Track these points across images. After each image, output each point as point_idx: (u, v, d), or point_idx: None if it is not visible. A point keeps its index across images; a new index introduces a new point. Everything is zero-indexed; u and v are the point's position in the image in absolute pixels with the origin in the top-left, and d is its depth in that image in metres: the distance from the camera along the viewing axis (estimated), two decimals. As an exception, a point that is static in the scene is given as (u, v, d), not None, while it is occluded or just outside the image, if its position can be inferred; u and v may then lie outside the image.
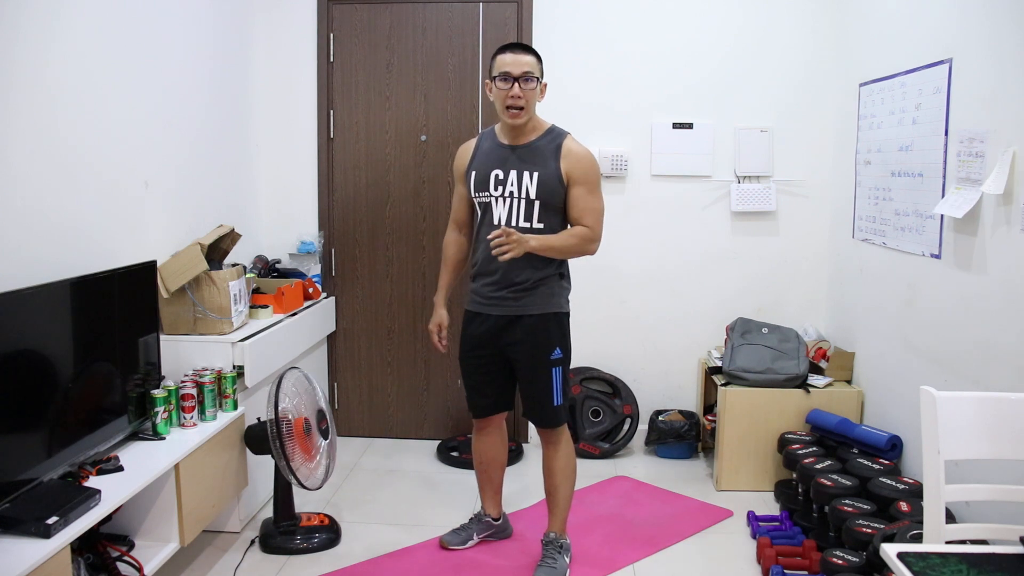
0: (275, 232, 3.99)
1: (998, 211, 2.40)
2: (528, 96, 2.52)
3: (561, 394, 2.67)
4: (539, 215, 2.57)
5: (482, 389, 2.78)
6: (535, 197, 2.55)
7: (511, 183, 2.57)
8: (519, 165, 2.57)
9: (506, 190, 2.58)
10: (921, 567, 1.42)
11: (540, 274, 2.60)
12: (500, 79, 2.53)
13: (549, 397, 2.65)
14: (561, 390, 2.66)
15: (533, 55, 2.57)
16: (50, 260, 2.35)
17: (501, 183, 2.58)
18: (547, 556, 2.71)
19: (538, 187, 2.55)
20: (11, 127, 2.22)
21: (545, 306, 2.62)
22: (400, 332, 4.05)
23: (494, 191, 2.60)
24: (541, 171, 2.55)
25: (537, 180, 2.55)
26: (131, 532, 2.46)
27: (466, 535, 2.92)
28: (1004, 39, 2.40)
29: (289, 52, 3.91)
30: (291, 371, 2.85)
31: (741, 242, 3.87)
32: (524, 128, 2.59)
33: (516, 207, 2.57)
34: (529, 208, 2.57)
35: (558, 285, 2.65)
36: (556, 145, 2.58)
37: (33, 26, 2.30)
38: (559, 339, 2.65)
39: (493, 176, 2.60)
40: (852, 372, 3.48)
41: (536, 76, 2.54)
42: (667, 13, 3.79)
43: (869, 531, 2.44)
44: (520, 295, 2.61)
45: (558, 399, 2.66)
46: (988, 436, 1.75)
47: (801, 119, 3.79)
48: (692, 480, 3.56)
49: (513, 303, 2.62)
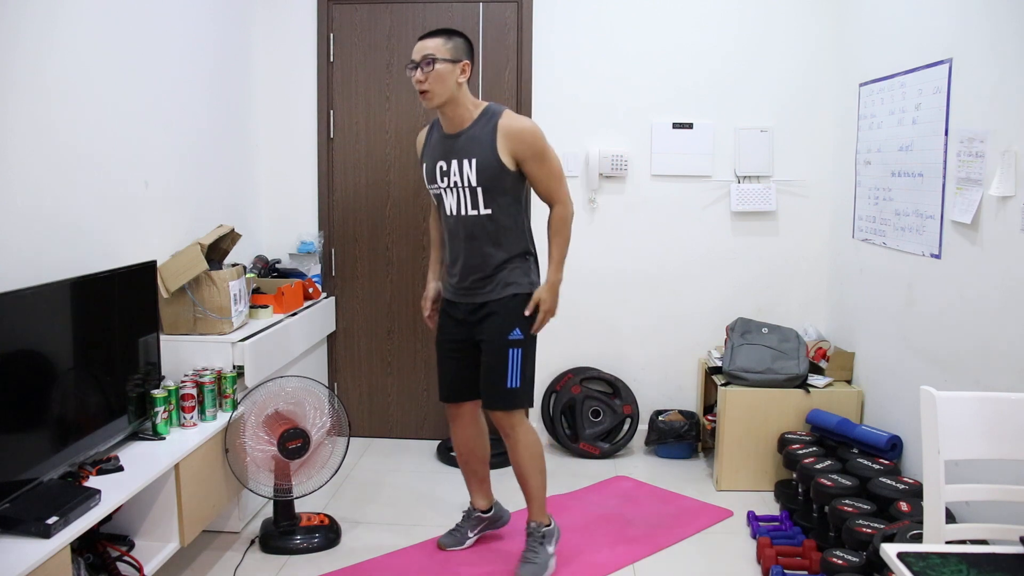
0: (275, 232, 3.99)
1: (998, 211, 2.40)
2: (432, 79, 2.46)
3: (519, 377, 2.59)
4: (484, 201, 2.55)
5: (451, 374, 2.77)
6: (476, 184, 2.54)
7: (454, 173, 2.56)
8: (459, 154, 2.55)
9: (450, 180, 2.58)
10: (921, 567, 1.42)
11: (500, 257, 2.59)
12: (408, 67, 2.53)
13: (503, 378, 2.58)
14: (519, 372, 2.58)
15: (442, 36, 2.51)
16: (50, 260, 2.35)
17: (445, 174, 2.59)
18: (529, 549, 2.71)
19: (478, 174, 2.53)
20: (11, 127, 2.22)
21: (507, 289, 2.60)
22: (400, 332, 4.05)
23: (440, 182, 2.61)
24: (479, 157, 2.52)
25: (476, 167, 2.52)
26: (131, 532, 2.46)
27: (460, 535, 2.92)
28: (1004, 39, 2.40)
29: (289, 52, 3.91)
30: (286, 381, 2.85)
31: (741, 242, 3.87)
32: (456, 114, 2.54)
33: (462, 196, 2.57)
34: (473, 195, 2.55)
35: (522, 265, 2.63)
36: (492, 127, 2.52)
37: (33, 26, 2.30)
38: (519, 320, 2.60)
39: (438, 168, 2.60)
40: (852, 372, 3.48)
41: (441, 58, 2.46)
42: (667, 13, 3.79)
43: (869, 531, 2.44)
44: (483, 282, 2.61)
45: (513, 381, 2.58)
46: (988, 436, 1.75)
47: (801, 119, 3.79)
48: (692, 480, 3.56)
49: (478, 291, 2.62)
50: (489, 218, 2.56)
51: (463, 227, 2.60)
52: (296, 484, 2.87)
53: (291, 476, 2.85)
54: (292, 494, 2.87)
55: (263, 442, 2.78)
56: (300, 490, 2.88)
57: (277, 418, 2.83)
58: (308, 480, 2.88)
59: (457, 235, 2.63)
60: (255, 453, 2.77)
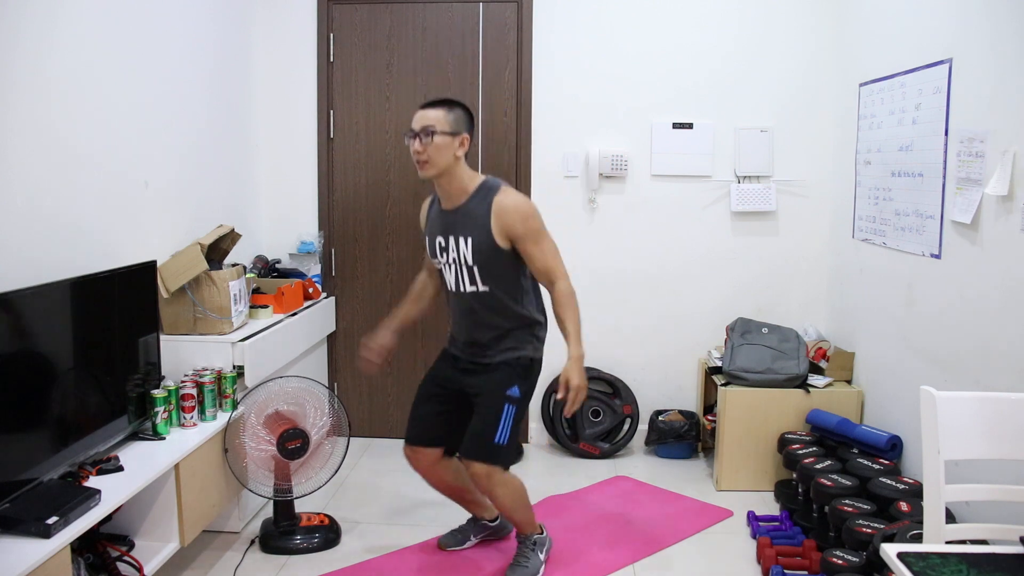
0: (275, 232, 3.99)
1: (998, 211, 2.40)
2: (431, 151, 2.44)
3: (507, 434, 2.53)
4: (481, 279, 2.53)
5: (426, 416, 2.71)
6: (472, 263, 2.51)
7: (452, 250, 2.55)
8: (456, 231, 2.53)
9: (449, 257, 2.56)
10: (921, 567, 1.42)
11: (503, 328, 2.58)
12: (407, 135, 2.52)
13: (492, 431, 2.52)
14: (508, 431, 2.53)
15: (444, 108, 2.49)
16: (50, 260, 2.35)
17: (444, 250, 2.57)
18: (519, 555, 2.70)
19: (473, 253, 2.50)
20: (11, 127, 2.22)
21: (511, 353, 2.58)
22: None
23: (440, 258, 2.60)
24: (474, 236, 2.49)
25: (472, 246, 2.50)
26: (131, 532, 2.46)
27: (463, 536, 2.91)
28: (1004, 39, 2.40)
29: (289, 52, 3.91)
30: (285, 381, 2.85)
31: (741, 242, 3.87)
32: (452, 187, 2.52)
33: (460, 273, 2.55)
34: (471, 273, 2.53)
35: (528, 334, 2.61)
36: (487, 204, 2.48)
37: (33, 26, 2.30)
38: (520, 380, 2.58)
39: (437, 244, 2.59)
40: (852, 372, 3.48)
41: (441, 130, 2.44)
42: (667, 13, 3.79)
43: (869, 531, 2.44)
44: (484, 350, 2.60)
45: (502, 437, 2.52)
46: (988, 436, 1.75)
47: (801, 119, 3.79)
48: (692, 480, 3.56)
49: (481, 357, 2.61)
50: (488, 294, 2.53)
51: (464, 302, 2.58)
52: (296, 484, 2.87)
53: (291, 476, 2.85)
54: (292, 494, 2.87)
55: (263, 442, 2.78)
56: (300, 490, 2.88)
57: (277, 418, 2.83)
58: (308, 480, 2.89)
59: (459, 308, 2.62)
60: (255, 453, 2.77)
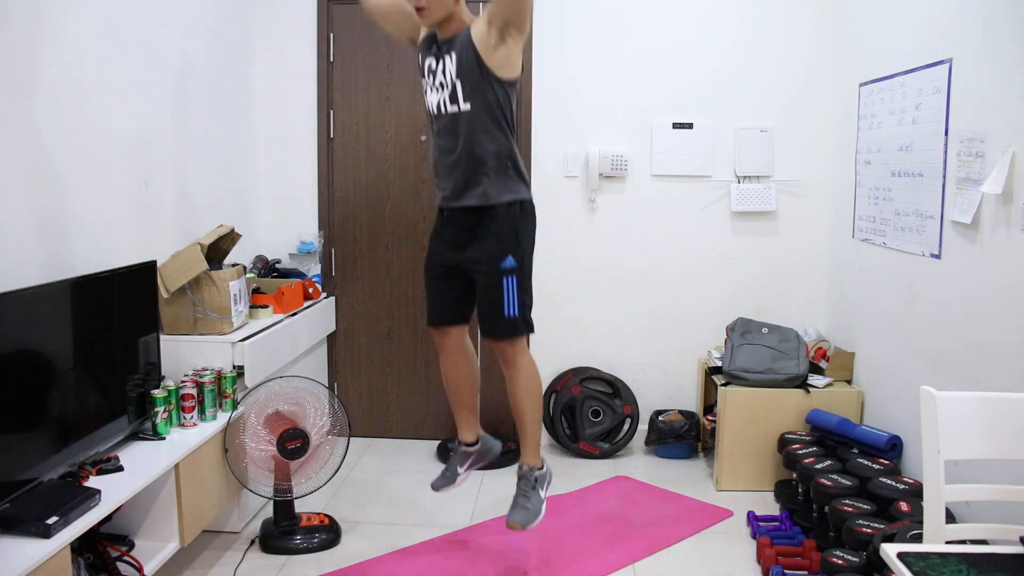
0: (275, 232, 3.99)
1: (998, 211, 2.40)
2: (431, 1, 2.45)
3: (516, 305, 2.55)
4: (463, 95, 2.51)
5: (439, 298, 2.73)
6: (456, 77, 2.50)
7: (439, 72, 2.55)
8: (444, 50, 2.54)
9: (436, 80, 2.57)
10: (921, 567, 1.42)
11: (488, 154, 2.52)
12: None
13: (500, 307, 2.54)
14: (516, 300, 2.55)
15: None
16: (50, 260, 2.36)
17: (432, 73, 2.58)
18: (519, 495, 2.64)
19: (457, 69, 2.49)
20: (11, 127, 2.22)
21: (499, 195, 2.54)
22: (400, 332, 4.05)
23: (428, 79, 2.60)
24: (458, 51, 2.49)
25: (456, 62, 2.50)
26: (131, 532, 2.46)
27: (451, 474, 2.85)
28: (1004, 39, 2.40)
29: (289, 52, 3.91)
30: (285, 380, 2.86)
31: (741, 242, 3.87)
32: (452, 27, 2.52)
33: (443, 92, 2.54)
34: (453, 90, 2.52)
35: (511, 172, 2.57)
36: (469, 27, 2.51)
37: (34, 27, 2.30)
38: (511, 245, 2.56)
39: (427, 65, 2.60)
40: (852, 372, 3.48)
41: None
42: (667, 13, 3.79)
43: (869, 531, 2.44)
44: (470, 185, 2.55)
45: (510, 310, 2.54)
46: (988, 436, 1.75)
47: (801, 119, 3.79)
48: (692, 480, 3.56)
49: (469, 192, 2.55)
50: (469, 113, 2.50)
51: (445, 129, 2.57)
52: (296, 484, 2.87)
53: (291, 476, 2.85)
54: (292, 494, 2.87)
55: (263, 442, 2.78)
56: (300, 490, 2.88)
57: (277, 418, 2.83)
58: (308, 480, 2.89)
59: (441, 142, 2.60)
60: (255, 453, 2.77)
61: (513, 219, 2.57)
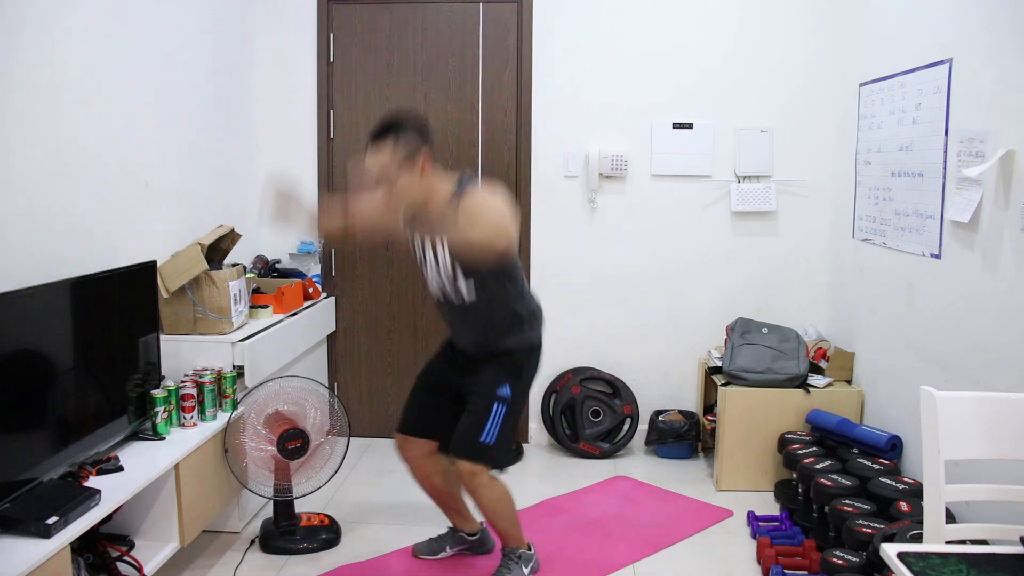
0: (275, 232, 3.98)
1: (998, 211, 2.40)
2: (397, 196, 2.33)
3: (495, 434, 2.44)
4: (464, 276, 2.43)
5: (419, 406, 2.70)
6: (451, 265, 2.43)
7: (429, 253, 2.48)
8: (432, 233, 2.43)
9: (428, 261, 2.50)
10: (921, 567, 1.42)
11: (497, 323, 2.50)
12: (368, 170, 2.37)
13: (479, 429, 2.44)
14: (497, 430, 2.44)
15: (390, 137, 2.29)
16: (50, 260, 2.35)
17: (423, 251, 2.51)
18: (502, 566, 2.60)
19: (451, 255, 2.41)
20: (12, 127, 2.22)
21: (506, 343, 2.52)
22: (400, 332, 4.05)
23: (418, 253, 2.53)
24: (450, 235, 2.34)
25: (448, 249, 2.40)
26: (131, 532, 2.46)
27: (438, 546, 2.83)
28: (1004, 39, 2.40)
29: (289, 52, 3.91)
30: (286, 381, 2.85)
31: (741, 242, 3.87)
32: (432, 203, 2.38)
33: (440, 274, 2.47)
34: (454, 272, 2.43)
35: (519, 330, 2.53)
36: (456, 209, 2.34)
37: (34, 26, 2.30)
38: (513, 378, 2.51)
39: (416, 242, 2.53)
40: (852, 372, 3.48)
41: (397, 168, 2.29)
42: (667, 13, 3.79)
43: (869, 531, 2.44)
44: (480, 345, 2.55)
45: (489, 436, 2.43)
46: (988, 436, 1.75)
47: (801, 119, 3.79)
48: (692, 480, 3.56)
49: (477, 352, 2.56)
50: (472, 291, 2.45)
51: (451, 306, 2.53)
52: (296, 484, 2.87)
53: (291, 476, 2.85)
54: (292, 494, 2.87)
55: (263, 442, 2.78)
56: (300, 490, 2.88)
57: (277, 418, 2.83)
58: (308, 480, 2.88)
59: (448, 315, 2.60)
60: (255, 453, 2.77)
61: (522, 358, 2.55)
